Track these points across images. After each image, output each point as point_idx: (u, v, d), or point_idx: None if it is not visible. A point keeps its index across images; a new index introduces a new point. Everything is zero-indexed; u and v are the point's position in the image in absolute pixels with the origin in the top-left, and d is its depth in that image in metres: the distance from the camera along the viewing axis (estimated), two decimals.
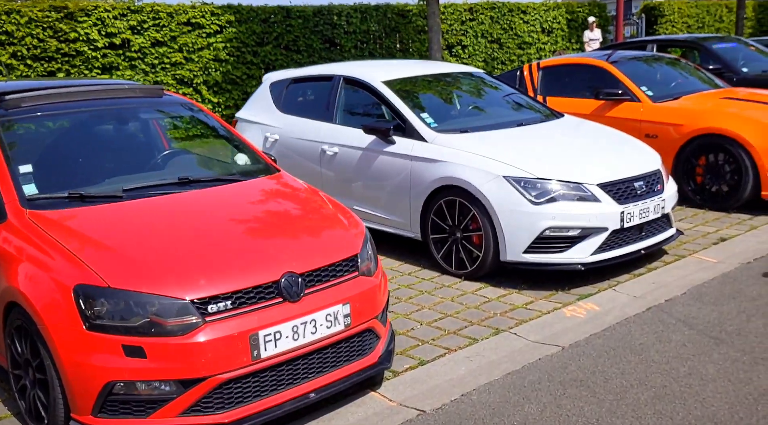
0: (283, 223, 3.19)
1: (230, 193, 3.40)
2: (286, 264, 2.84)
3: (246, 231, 3.03)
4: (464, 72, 6.07)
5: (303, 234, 3.13)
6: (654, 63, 7.85)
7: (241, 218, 3.14)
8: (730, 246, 5.29)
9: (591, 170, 4.61)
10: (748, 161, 6.09)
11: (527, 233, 4.43)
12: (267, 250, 2.89)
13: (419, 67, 5.96)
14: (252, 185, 3.56)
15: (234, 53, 12.25)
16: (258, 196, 3.44)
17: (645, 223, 4.75)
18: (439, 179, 4.78)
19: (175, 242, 2.86)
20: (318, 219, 3.32)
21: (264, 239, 2.99)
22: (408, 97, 5.36)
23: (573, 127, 5.47)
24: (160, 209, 3.12)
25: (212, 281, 2.66)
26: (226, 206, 3.24)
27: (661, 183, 4.90)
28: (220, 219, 3.10)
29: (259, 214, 3.23)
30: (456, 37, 16.11)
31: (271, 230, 3.09)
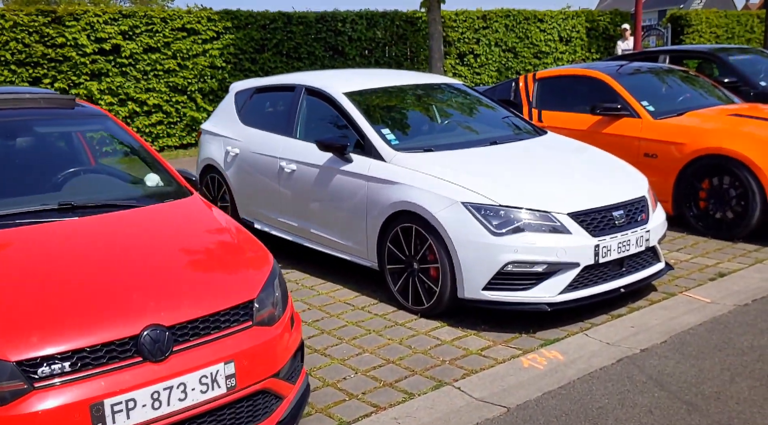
0: (164, 260, 2.73)
1: (116, 222, 2.95)
2: (150, 315, 2.37)
3: (111, 271, 2.56)
4: (441, 84, 5.57)
5: (186, 275, 2.65)
6: (660, 76, 7.26)
7: (112, 254, 2.68)
8: (729, 283, 4.70)
9: (562, 198, 4.07)
10: (756, 186, 5.49)
11: (487, 267, 3.91)
12: (130, 296, 2.42)
13: (390, 77, 5.48)
14: (149, 211, 3.11)
15: (231, 60, 11.91)
16: (148, 225, 2.99)
17: (626, 257, 4.20)
18: (395, 203, 4.29)
19: (13, 286, 2.41)
20: (213, 255, 2.85)
21: (130, 282, 2.51)
22: (371, 111, 4.89)
23: (552, 146, 4.93)
24: (13, 243, 2.68)
25: (48, 337, 2.20)
26: (101, 239, 2.79)
27: (646, 212, 4.34)
28: (85, 256, 2.64)
29: (138, 249, 2.77)
30: (468, 46, 15.59)
31: (143, 270, 2.62)
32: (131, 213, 3.04)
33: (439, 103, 5.37)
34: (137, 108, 10.98)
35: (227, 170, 5.78)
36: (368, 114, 4.81)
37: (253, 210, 5.63)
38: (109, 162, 3.67)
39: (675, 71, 7.38)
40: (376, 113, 4.91)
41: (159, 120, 11.22)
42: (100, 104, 10.59)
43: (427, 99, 5.35)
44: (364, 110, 4.83)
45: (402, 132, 4.82)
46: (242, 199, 5.71)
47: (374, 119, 4.79)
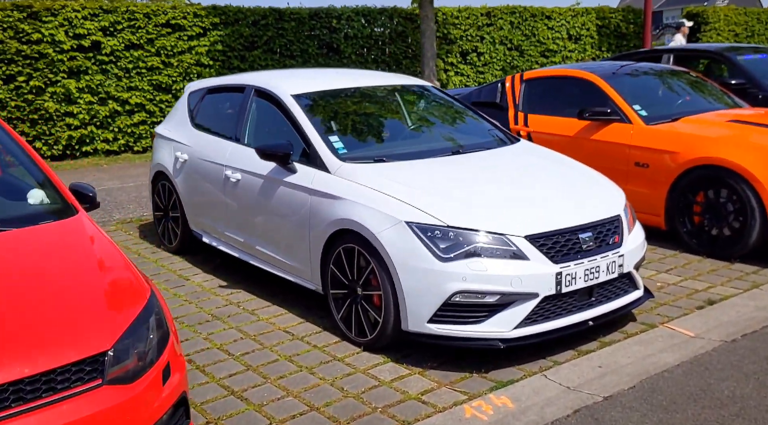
0: (2, 301, 2.28)
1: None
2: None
3: None
4: (406, 85, 5.08)
5: (19, 321, 2.19)
6: (658, 78, 6.70)
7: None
8: (718, 312, 4.17)
9: (521, 218, 3.57)
10: (755, 201, 4.94)
11: (432, 297, 3.43)
12: None
13: (350, 78, 5.00)
14: (13, 236, 2.67)
15: (219, 58, 11.48)
16: (4, 254, 2.55)
17: (595, 286, 3.70)
18: (336, 220, 3.82)
19: None
20: (67, 294, 2.39)
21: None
22: (321, 115, 4.42)
23: (522, 157, 4.42)
24: None
25: None
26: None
27: (620, 234, 3.82)
28: None
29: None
30: (471, 44, 15.05)
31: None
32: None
33: (401, 108, 4.88)
34: (118, 107, 10.60)
35: (176, 178, 5.35)
36: (317, 119, 4.34)
37: (201, 222, 5.19)
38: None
39: (675, 73, 6.82)
40: (327, 118, 4.45)
41: (142, 120, 10.83)
42: (78, 103, 10.23)
43: (389, 103, 4.87)
44: (313, 113, 4.37)
45: (353, 140, 4.35)
46: (191, 210, 5.27)
47: (323, 125, 4.32)
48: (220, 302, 4.55)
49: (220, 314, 4.34)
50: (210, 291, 4.75)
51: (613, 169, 5.80)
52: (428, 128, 4.76)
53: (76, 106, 10.24)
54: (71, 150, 10.43)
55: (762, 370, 3.39)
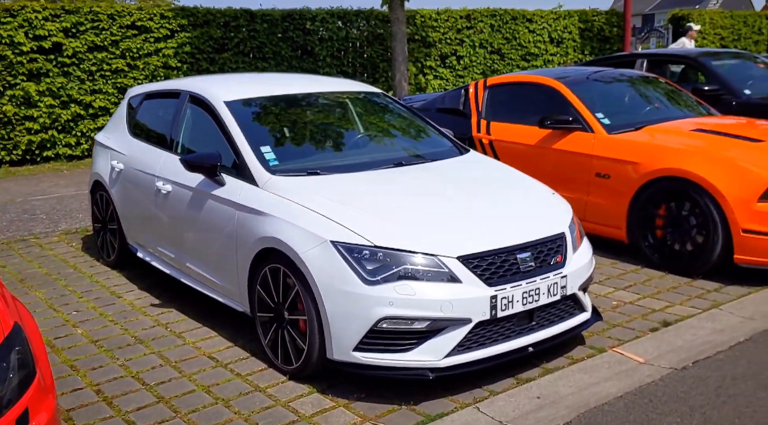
0: None
1: None
2: None
3: None
4: (353, 92, 4.83)
5: None
6: (625, 84, 6.47)
7: None
8: (672, 335, 3.93)
9: (454, 237, 3.32)
10: (717, 215, 4.71)
11: (358, 323, 3.18)
12: None
13: (292, 83, 4.74)
14: None
15: (187, 60, 11.21)
16: None
17: (536, 309, 3.45)
18: (261, 238, 3.56)
19: None
20: None
21: None
22: (255, 124, 4.16)
23: (467, 170, 4.17)
24: None
25: None
26: None
27: (563, 253, 3.58)
28: None
29: None
30: (450, 47, 14.82)
31: None
32: None
33: (345, 117, 4.63)
34: (81, 111, 10.30)
35: (112, 188, 5.09)
36: (250, 127, 4.08)
37: (135, 235, 4.92)
38: None
39: (643, 79, 6.60)
40: (262, 127, 4.19)
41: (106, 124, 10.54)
42: (39, 107, 9.93)
43: (332, 111, 4.61)
44: (246, 121, 4.10)
45: (288, 150, 4.10)
46: (126, 222, 5.00)
47: (256, 134, 4.05)
48: (148, 323, 4.28)
49: (145, 336, 4.06)
50: (140, 310, 4.48)
51: (575, 179, 5.59)
52: (373, 138, 4.51)
53: (36, 109, 9.94)
54: (31, 155, 10.13)
55: (709, 403, 3.15)
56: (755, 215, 4.57)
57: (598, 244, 5.67)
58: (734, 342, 3.80)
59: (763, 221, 4.55)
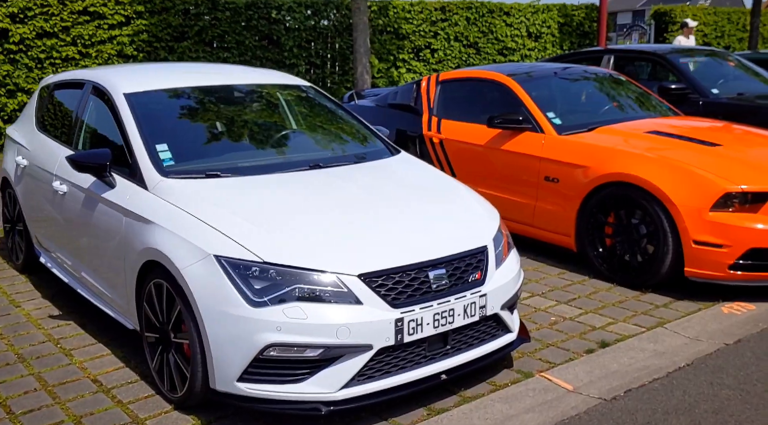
0: None
1: None
2: None
3: None
4: (275, 85, 4.43)
5: None
6: (584, 82, 6.13)
7: None
8: (608, 358, 3.60)
9: (356, 252, 2.96)
10: (667, 224, 4.38)
11: (242, 350, 2.80)
12: None
13: (208, 74, 4.33)
14: None
15: (144, 49, 10.74)
16: None
17: (450, 332, 3.10)
18: (144, 249, 3.18)
19: None
20: None
21: None
22: (156, 119, 3.75)
23: (389, 174, 3.80)
24: None
25: None
26: None
27: (483, 269, 3.22)
28: None
29: None
30: (424, 40, 14.43)
31: None
32: None
33: (262, 112, 4.24)
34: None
35: (17, 186, 4.69)
36: (150, 122, 3.67)
37: (39, 238, 4.52)
38: None
39: (604, 77, 6.24)
40: (163, 122, 3.79)
41: None
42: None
43: (247, 105, 4.22)
44: (146, 116, 3.69)
45: (189, 149, 3.70)
46: (31, 223, 4.60)
47: (155, 130, 3.64)
48: (40, 337, 3.88)
49: (30, 354, 3.67)
50: (35, 323, 4.08)
51: (524, 183, 5.24)
52: (291, 137, 4.11)
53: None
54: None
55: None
56: (707, 226, 4.24)
57: (547, 252, 5.35)
58: (673, 367, 3.47)
59: (715, 232, 4.22)
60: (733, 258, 4.22)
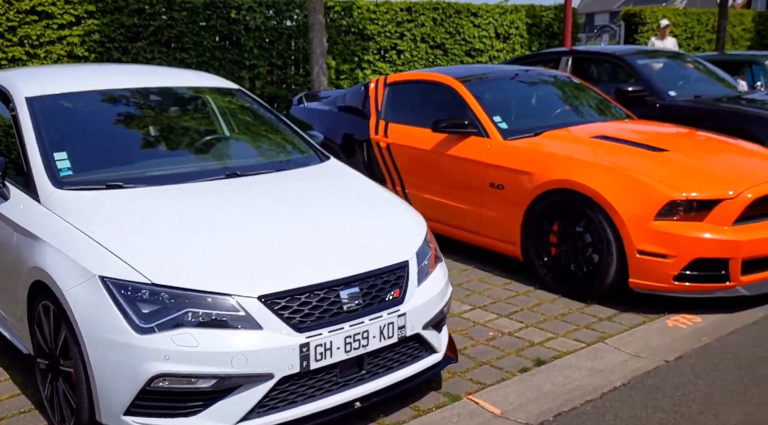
0: None
1: None
2: None
3: None
4: (197, 87, 4.17)
5: None
6: (534, 84, 5.93)
7: None
8: (542, 378, 3.39)
9: (257, 272, 2.72)
10: (611, 233, 4.20)
11: (127, 381, 2.55)
12: None
13: (124, 77, 4.04)
14: None
15: (95, 49, 10.40)
16: None
17: (365, 355, 2.87)
18: (31, 269, 2.91)
19: None
20: None
21: None
22: (58, 124, 3.47)
23: (310, 182, 3.55)
24: None
25: None
26: None
27: (402, 286, 2.99)
28: None
29: None
30: (390, 41, 14.21)
31: None
32: None
33: (179, 116, 3.97)
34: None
35: None
36: (52, 128, 3.38)
37: None
38: None
39: (556, 80, 6.07)
40: (66, 128, 3.50)
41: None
42: None
43: (163, 110, 3.94)
44: (48, 121, 3.40)
45: (92, 158, 3.42)
46: None
47: (55, 136, 3.36)
48: None
49: None
50: None
51: (469, 190, 5.04)
52: (210, 143, 3.86)
53: None
54: None
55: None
56: (651, 235, 4.06)
57: (494, 261, 5.16)
58: (609, 387, 3.28)
59: (659, 242, 4.04)
60: (678, 269, 4.05)
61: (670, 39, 12.98)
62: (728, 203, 4.05)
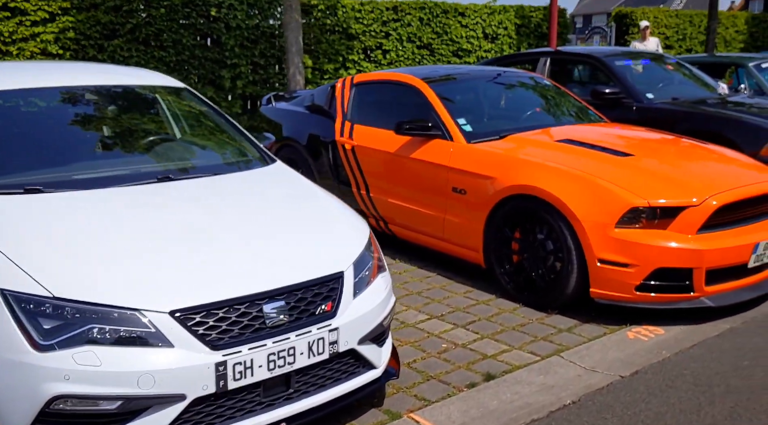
0: None
1: None
2: None
3: None
4: (138, 85, 3.97)
5: None
6: (505, 85, 5.76)
7: None
8: (490, 394, 3.22)
9: (171, 285, 2.54)
10: (572, 241, 4.03)
11: (26, 402, 2.36)
12: None
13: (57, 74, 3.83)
14: None
15: (70, 47, 10.21)
16: None
17: (292, 373, 2.70)
18: None
19: None
20: None
21: None
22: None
23: (247, 188, 3.37)
24: None
25: None
26: None
27: (336, 299, 2.82)
28: None
29: None
30: (375, 40, 14.04)
31: None
32: None
33: (117, 116, 3.79)
34: None
35: None
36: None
37: None
38: None
39: (529, 81, 5.89)
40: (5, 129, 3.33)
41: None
42: None
43: (100, 109, 3.75)
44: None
45: (15, 160, 3.23)
46: None
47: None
48: None
49: None
50: None
51: (433, 194, 4.87)
52: (147, 145, 3.67)
53: None
54: None
55: None
56: (612, 243, 3.89)
57: (457, 268, 4.99)
58: (558, 405, 3.11)
59: (621, 250, 3.88)
60: (640, 279, 3.88)
61: (652, 40, 12.70)
62: (692, 210, 3.89)
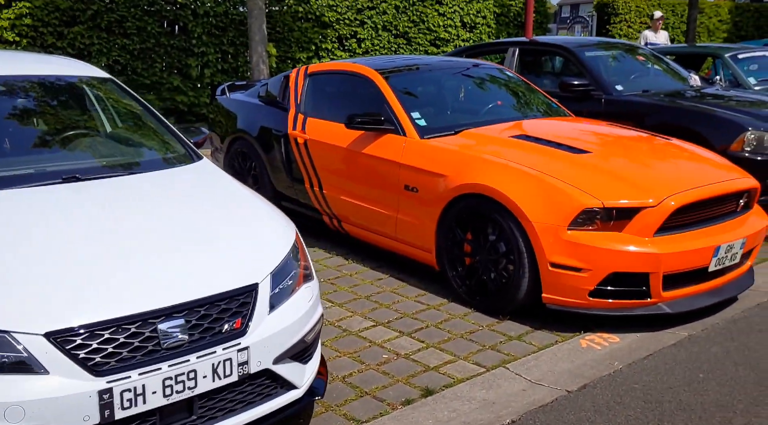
0: None
1: None
2: None
3: None
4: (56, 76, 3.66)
5: None
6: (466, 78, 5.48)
7: None
8: (426, 413, 2.98)
9: (48, 302, 2.26)
10: (523, 243, 3.79)
11: None
12: None
13: None
14: None
15: (27, 34, 9.82)
16: None
17: (195, 398, 2.44)
18: None
19: None
20: None
21: None
22: None
23: (161, 189, 3.09)
24: None
25: None
26: None
27: (246, 315, 2.56)
28: None
29: None
30: (350, 29, 13.71)
31: None
32: None
33: (27, 110, 3.48)
34: None
35: None
36: None
37: None
38: None
39: (490, 73, 5.62)
40: None
41: None
42: None
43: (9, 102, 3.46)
44: None
45: None
46: None
47: None
48: None
49: None
50: None
51: (386, 192, 4.61)
52: (58, 141, 3.38)
53: None
54: None
55: None
56: (565, 246, 3.66)
57: (412, 269, 4.75)
58: (497, 424, 2.88)
59: (573, 254, 3.64)
60: (594, 284, 3.65)
61: (662, 33, 12.05)
62: (649, 211, 3.66)
